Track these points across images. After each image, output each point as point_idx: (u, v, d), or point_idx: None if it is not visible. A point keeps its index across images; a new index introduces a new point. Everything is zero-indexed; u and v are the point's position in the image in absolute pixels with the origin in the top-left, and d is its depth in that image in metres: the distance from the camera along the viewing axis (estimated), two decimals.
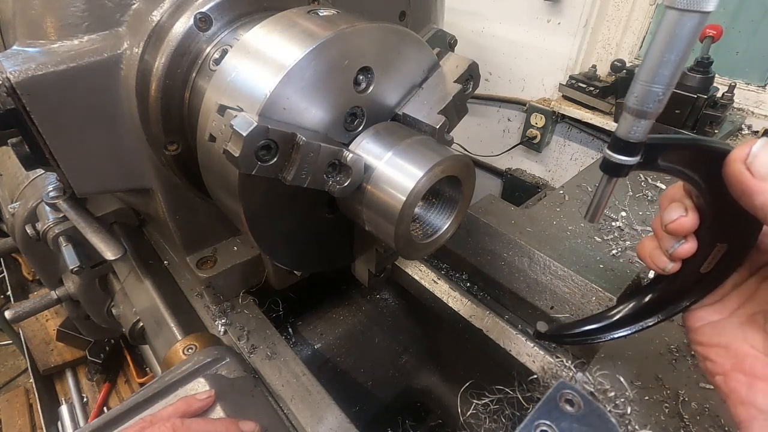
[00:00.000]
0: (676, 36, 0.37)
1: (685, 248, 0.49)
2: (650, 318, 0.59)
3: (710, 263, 0.51)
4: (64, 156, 0.73)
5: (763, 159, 0.40)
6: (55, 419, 1.93)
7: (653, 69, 0.39)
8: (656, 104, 0.40)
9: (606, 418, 0.67)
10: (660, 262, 0.52)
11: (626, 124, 0.42)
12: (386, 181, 0.65)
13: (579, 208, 1.31)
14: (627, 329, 0.60)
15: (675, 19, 0.37)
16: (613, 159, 0.44)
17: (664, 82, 0.39)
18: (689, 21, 0.36)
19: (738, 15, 2.04)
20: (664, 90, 0.39)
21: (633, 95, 0.41)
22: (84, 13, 0.69)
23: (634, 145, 0.43)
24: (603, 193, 0.49)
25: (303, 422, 0.82)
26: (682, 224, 0.48)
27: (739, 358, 0.49)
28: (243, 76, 0.62)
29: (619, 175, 0.46)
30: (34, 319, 2.14)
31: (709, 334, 0.52)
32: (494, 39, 2.66)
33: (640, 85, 0.40)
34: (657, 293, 0.57)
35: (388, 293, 1.42)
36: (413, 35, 0.71)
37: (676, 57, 0.38)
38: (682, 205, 0.49)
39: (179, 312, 1.06)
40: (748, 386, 0.47)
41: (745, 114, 2.09)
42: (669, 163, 0.46)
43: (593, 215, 0.51)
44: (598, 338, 0.62)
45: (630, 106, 0.41)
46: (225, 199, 0.71)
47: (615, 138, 0.44)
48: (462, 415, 1.06)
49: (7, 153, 1.36)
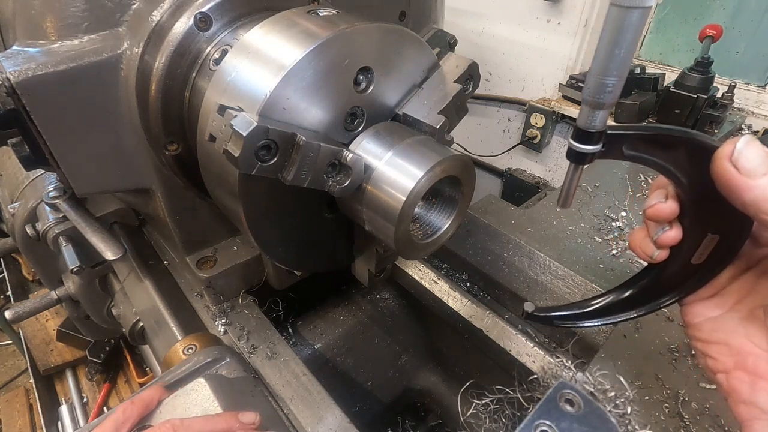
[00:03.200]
0: (622, 31, 0.39)
1: (669, 235, 0.50)
2: (643, 307, 0.59)
3: (702, 254, 0.51)
4: (64, 156, 0.73)
5: (748, 155, 0.40)
6: (55, 419, 1.93)
7: (603, 63, 0.41)
8: (609, 95, 0.43)
9: (606, 418, 0.67)
10: (647, 249, 0.53)
11: (584, 115, 0.45)
12: (386, 181, 0.65)
13: (579, 208, 1.31)
14: (614, 317, 0.60)
15: (619, 15, 0.39)
16: (576, 148, 0.47)
17: (614, 74, 0.42)
18: (632, 16, 0.38)
19: (738, 15, 2.04)
20: (615, 82, 0.42)
21: (587, 88, 0.44)
22: (84, 13, 0.69)
23: (593, 135, 0.46)
24: (571, 180, 0.52)
25: (303, 422, 0.82)
26: (660, 209, 0.49)
27: (741, 356, 0.48)
28: (243, 76, 0.62)
29: (583, 163, 0.49)
30: (34, 319, 2.14)
31: (708, 330, 0.52)
32: (494, 39, 2.66)
33: (593, 79, 0.43)
34: (649, 283, 0.57)
35: (388, 293, 1.42)
36: (413, 35, 0.71)
37: (622, 50, 0.40)
38: (663, 192, 0.50)
39: (179, 312, 1.06)
40: (750, 385, 0.47)
41: (745, 114, 2.09)
42: (634, 152, 0.48)
43: (564, 201, 0.54)
44: (585, 323, 0.62)
45: (586, 98, 0.44)
46: (225, 199, 0.71)
47: (576, 128, 0.47)
48: (462, 415, 1.06)
49: (7, 153, 1.36)
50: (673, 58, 2.32)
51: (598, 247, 1.17)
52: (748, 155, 0.40)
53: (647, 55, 2.39)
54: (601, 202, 1.34)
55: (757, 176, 0.39)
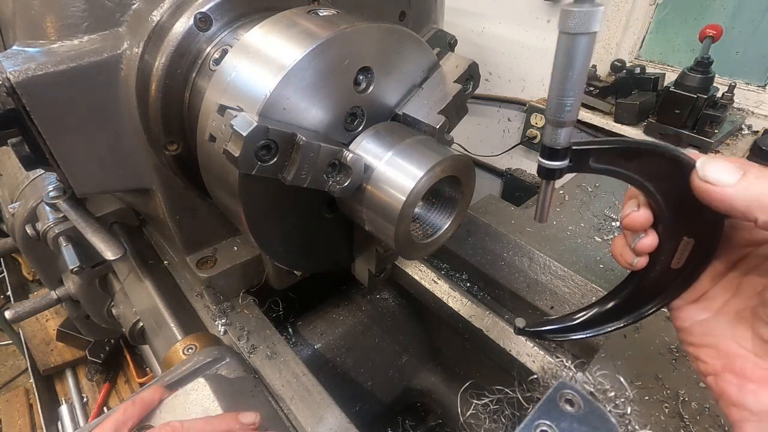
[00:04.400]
0: (573, 55, 0.42)
1: (645, 242, 0.51)
2: (628, 316, 0.59)
3: (680, 258, 0.52)
4: (64, 156, 0.73)
5: (712, 169, 0.42)
6: (55, 419, 1.93)
7: (560, 85, 0.44)
8: (568, 113, 0.45)
9: (606, 418, 0.67)
10: (627, 257, 0.54)
11: (549, 133, 0.48)
12: (386, 181, 0.65)
13: (579, 208, 1.31)
14: (604, 327, 0.61)
15: (568, 41, 0.41)
16: (545, 165, 0.49)
17: (570, 94, 0.44)
18: (581, 41, 0.41)
19: (738, 15, 2.04)
20: (572, 101, 0.44)
21: (549, 109, 0.46)
22: (84, 13, 0.69)
23: (558, 151, 0.48)
24: (545, 195, 0.54)
25: (303, 422, 0.82)
26: (633, 218, 0.51)
27: (729, 359, 0.49)
28: (243, 76, 0.62)
29: (553, 178, 0.51)
30: (34, 319, 2.14)
31: (698, 333, 0.52)
32: (494, 39, 2.66)
33: (552, 100, 0.45)
34: (632, 291, 0.58)
35: (388, 293, 1.42)
36: (413, 35, 0.71)
37: (575, 72, 0.42)
38: (635, 201, 0.52)
39: (179, 312, 1.06)
40: (738, 387, 0.47)
41: (745, 114, 2.09)
42: (600, 164, 0.50)
43: (540, 216, 0.56)
44: (574, 335, 0.63)
45: (548, 117, 0.47)
46: (225, 199, 0.71)
47: (542, 146, 0.49)
48: (462, 415, 1.06)
49: (7, 153, 1.36)
50: (673, 58, 2.32)
51: (598, 247, 1.17)
52: (712, 169, 0.42)
53: (647, 55, 2.39)
54: (601, 202, 1.34)
55: (732, 183, 0.40)
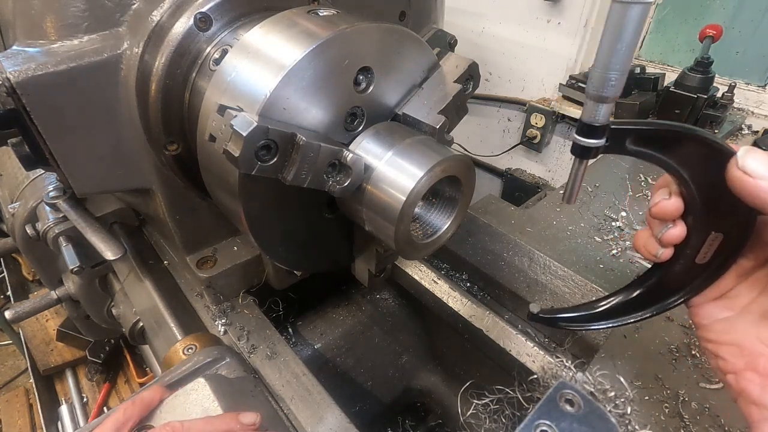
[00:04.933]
0: (623, 27, 0.41)
1: (673, 233, 0.50)
2: (650, 308, 0.58)
3: (706, 253, 0.51)
4: (64, 156, 0.73)
5: (752, 160, 0.41)
6: (55, 419, 1.93)
7: (606, 58, 0.43)
8: (612, 89, 0.44)
9: (606, 418, 0.67)
10: (652, 248, 0.53)
11: (589, 109, 0.47)
12: (386, 181, 0.65)
13: (579, 208, 1.31)
14: (622, 319, 0.60)
15: (621, 11, 0.40)
16: (581, 142, 0.48)
17: (616, 68, 0.43)
18: (633, 12, 0.40)
19: (738, 15, 2.04)
20: (618, 76, 0.43)
21: (591, 82, 0.45)
22: (84, 13, 0.69)
23: (597, 129, 0.47)
24: (576, 175, 0.53)
25: (303, 422, 0.82)
26: (664, 207, 0.50)
27: (752, 357, 0.48)
28: (243, 76, 0.62)
29: (588, 158, 0.50)
30: (34, 319, 2.14)
31: (719, 331, 0.52)
32: (494, 39, 2.66)
33: (596, 73, 0.44)
34: (654, 283, 0.57)
35: (388, 293, 1.42)
36: (413, 35, 0.71)
37: (624, 46, 0.42)
38: (667, 190, 0.51)
39: (179, 312, 1.06)
40: (761, 386, 0.47)
41: (745, 114, 2.09)
42: (638, 147, 0.49)
43: (569, 196, 0.55)
44: (592, 325, 0.62)
45: (590, 92, 0.46)
46: (225, 199, 0.71)
47: (581, 123, 0.48)
48: (462, 415, 1.06)
49: (7, 153, 1.36)
50: (673, 58, 2.32)
51: (598, 247, 1.17)
52: (753, 160, 0.41)
53: (647, 55, 2.39)
54: (601, 202, 1.34)
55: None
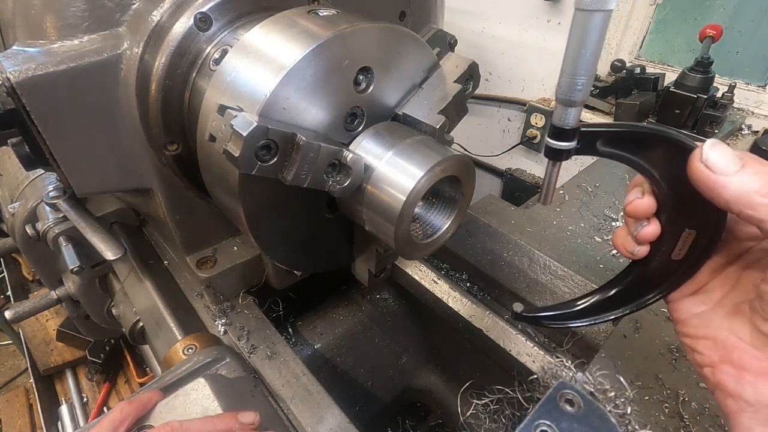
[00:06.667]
0: (587, 33, 0.42)
1: (647, 230, 0.52)
2: (628, 305, 0.60)
3: (681, 250, 0.52)
4: (64, 156, 0.73)
5: (715, 155, 0.42)
6: (55, 419, 1.93)
7: (572, 63, 0.44)
8: (579, 93, 0.45)
9: (606, 418, 0.67)
10: (629, 245, 0.54)
11: (558, 113, 0.48)
12: (386, 181, 0.65)
13: (579, 208, 1.31)
14: (602, 316, 0.61)
15: (584, 18, 0.41)
16: (552, 145, 0.50)
17: (582, 73, 0.44)
18: (596, 19, 0.41)
19: (738, 15, 2.04)
20: (584, 80, 0.44)
21: (560, 87, 0.46)
22: (84, 13, 0.69)
23: (568, 132, 0.48)
24: (551, 177, 0.54)
25: (303, 422, 0.82)
26: (637, 206, 0.51)
27: (726, 350, 0.49)
28: (243, 76, 0.62)
29: (560, 159, 0.51)
30: (34, 319, 2.14)
31: (695, 325, 0.53)
32: (494, 39, 2.66)
33: (563, 79, 0.45)
34: (632, 280, 0.59)
35: (388, 293, 1.42)
36: (413, 35, 0.71)
37: (588, 51, 0.42)
38: (640, 189, 0.52)
39: (179, 312, 1.06)
40: (735, 378, 0.48)
41: (745, 114, 2.09)
42: (608, 148, 0.50)
43: (545, 198, 0.56)
44: (573, 323, 0.63)
45: (559, 97, 0.47)
46: (225, 199, 0.71)
47: (552, 126, 0.49)
48: (462, 415, 1.06)
49: (7, 153, 1.36)
50: (673, 58, 2.32)
51: (598, 247, 1.17)
52: (715, 155, 0.42)
53: (647, 55, 2.39)
54: (601, 202, 1.34)
55: (729, 174, 0.41)
